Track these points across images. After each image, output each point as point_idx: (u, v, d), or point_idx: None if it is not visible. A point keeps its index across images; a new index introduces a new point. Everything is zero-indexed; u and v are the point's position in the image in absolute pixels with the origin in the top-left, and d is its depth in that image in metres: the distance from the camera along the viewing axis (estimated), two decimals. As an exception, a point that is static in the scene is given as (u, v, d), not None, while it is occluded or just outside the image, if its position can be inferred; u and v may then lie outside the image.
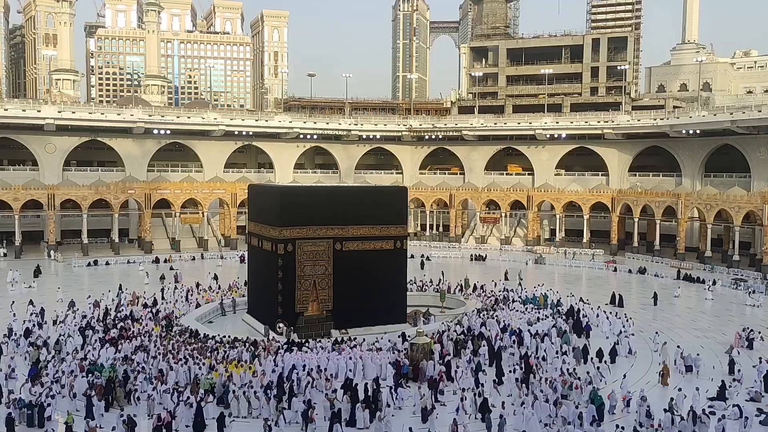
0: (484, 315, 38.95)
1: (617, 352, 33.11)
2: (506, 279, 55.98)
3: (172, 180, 79.22)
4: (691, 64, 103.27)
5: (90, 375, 27.16)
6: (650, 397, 25.56)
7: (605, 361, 31.62)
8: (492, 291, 47.87)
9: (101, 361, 29.14)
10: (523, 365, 29.57)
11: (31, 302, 41.74)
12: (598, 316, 40.16)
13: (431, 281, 51.26)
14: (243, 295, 44.50)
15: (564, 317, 39.47)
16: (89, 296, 44.63)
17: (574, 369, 29.67)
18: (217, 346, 31.35)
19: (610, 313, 41.47)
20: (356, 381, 27.67)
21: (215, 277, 52.37)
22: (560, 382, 27.30)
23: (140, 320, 37.17)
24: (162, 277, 54.17)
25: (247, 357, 29.82)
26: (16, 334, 34.15)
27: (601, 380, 28.89)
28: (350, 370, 28.92)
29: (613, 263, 65.18)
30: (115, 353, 30.30)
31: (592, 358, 31.94)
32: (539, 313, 40.56)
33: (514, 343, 33.42)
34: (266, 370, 28.23)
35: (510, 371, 29.14)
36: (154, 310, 39.89)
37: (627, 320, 39.00)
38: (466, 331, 35.43)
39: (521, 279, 54.41)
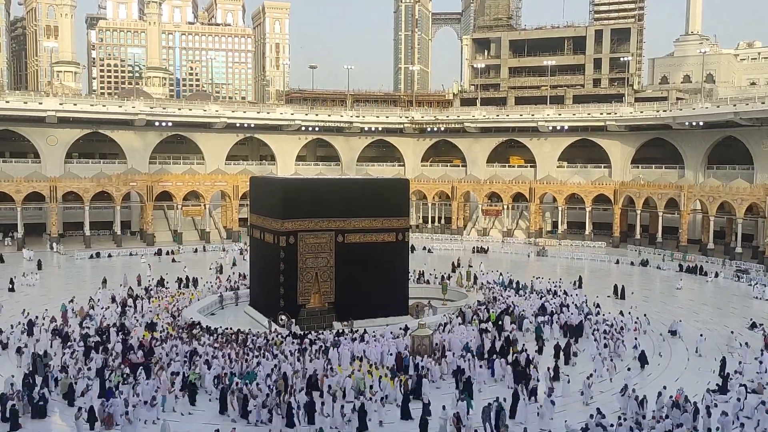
0: (491, 304, 40.01)
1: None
2: (459, 265, 55.74)
3: (173, 172, 79.18)
4: (695, 56, 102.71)
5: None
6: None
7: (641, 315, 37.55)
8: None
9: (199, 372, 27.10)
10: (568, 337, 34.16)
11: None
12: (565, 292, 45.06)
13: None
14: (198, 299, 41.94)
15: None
16: (24, 311, 36.65)
17: (621, 328, 34.84)
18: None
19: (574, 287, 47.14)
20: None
21: (161, 280, 46.98)
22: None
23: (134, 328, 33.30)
24: (104, 281, 47.64)
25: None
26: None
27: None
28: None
29: (692, 260, 60.61)
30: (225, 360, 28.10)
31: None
32: (525, 295, 43.99)
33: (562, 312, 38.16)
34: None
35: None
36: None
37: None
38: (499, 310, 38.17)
39: (470, 266, 53.83)
